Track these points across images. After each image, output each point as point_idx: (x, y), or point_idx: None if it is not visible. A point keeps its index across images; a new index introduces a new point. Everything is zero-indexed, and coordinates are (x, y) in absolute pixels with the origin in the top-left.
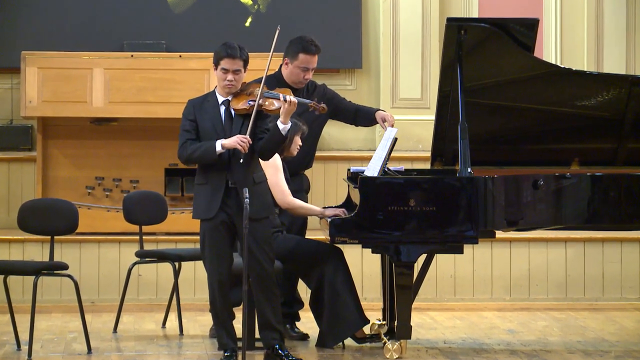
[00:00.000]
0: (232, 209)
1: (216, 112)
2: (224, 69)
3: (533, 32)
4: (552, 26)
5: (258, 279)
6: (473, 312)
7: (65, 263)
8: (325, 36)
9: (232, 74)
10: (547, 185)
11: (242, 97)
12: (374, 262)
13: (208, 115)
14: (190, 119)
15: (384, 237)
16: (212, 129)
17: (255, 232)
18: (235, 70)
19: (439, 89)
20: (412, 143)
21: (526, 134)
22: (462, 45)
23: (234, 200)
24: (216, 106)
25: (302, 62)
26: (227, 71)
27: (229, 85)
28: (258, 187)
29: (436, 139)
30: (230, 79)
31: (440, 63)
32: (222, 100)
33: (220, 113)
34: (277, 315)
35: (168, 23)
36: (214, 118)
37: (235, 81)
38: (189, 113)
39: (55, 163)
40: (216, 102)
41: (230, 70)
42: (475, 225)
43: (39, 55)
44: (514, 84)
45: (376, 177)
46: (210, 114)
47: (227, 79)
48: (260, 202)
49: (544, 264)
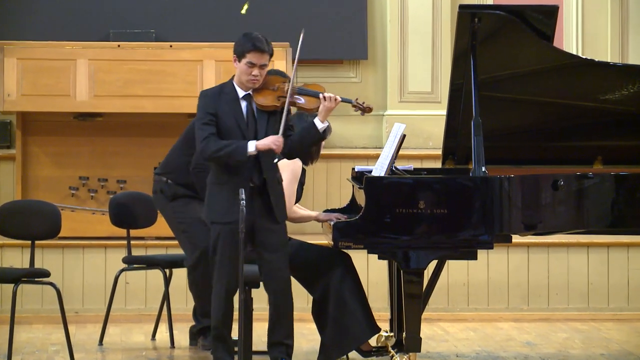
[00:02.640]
0: (256, 211)
1: (237, 107)
2: (251, 62)
3: (552, 19)
4: (572, 13)
5: (278, 289)
6: (488, 322)
7: (47, 270)
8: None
9: (258, 68)
10: (567, 186)
11: (268, 92)
12: (381, 269)
13: (229, 110)
14: (210, 112)
15: (391, 242)
16: (235, 126)
17: (277, 237)
18: (262, 65)
19: (450, 81)
20: (421, 140)
21: (545, 130)
22: (475, 34)
23: (259, 202)
24: (236, 101)
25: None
26: (254, 65)
27: (254, 80)
28: (280, 187)
29: (448, 136)
30: (256, 73)
31: (452, 54)
32: (244, 95)
33: (242, 108)
34: (289, 330)
35: (157, 10)
36: (236, 114)
37: (260, 76)
38: (209, 106)
39: (36, 162)
40: (236, 95)
41: (257, 64)
42: (490, 229)
43: (18, 45)
44: (532, 76)
45: (383, 176)
46: (231, 108)
47: (252, 74)
48: (284, 204)
49: (564, 271)
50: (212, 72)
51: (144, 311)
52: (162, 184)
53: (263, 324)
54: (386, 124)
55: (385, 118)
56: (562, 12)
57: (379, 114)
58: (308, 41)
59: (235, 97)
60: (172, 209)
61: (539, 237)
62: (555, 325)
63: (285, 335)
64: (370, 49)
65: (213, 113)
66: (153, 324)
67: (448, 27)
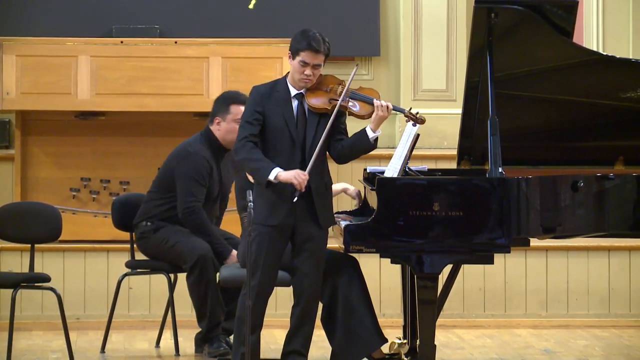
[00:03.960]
0: (299, 215)
1: (288, 106)
2: (304, 62)
3: (572, 15)
4: (593, 8)
5: (305, 297)
6: (505, 329)
7: (47, 275)
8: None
9: (311, 68)
10: (587, 187)
11: (320, 93)
12: (394, 273)
13: (279, 109)
14: (257, 110)
15: (404, 246)
16: (284, 125)
17: (316, 244)
18: (316, 65)
19: (466, 79)
20: (436, 140)
21: (564, 130)
22: (492, 30)
23: (304, 206)
24: (288, 99)
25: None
26: (307, 65)
27: (306, 80)
28: (328, 193)
29: (463, 135)
30: (309, 73)
31: (467, 50)
32: (296, 93)
33: (292, 107)
34: (307, 340)
35: (162, 5)
36: (286, 113)
37: (313, 76)
38: (257, 103)
39: (36, 162)
40: (288, 94)
41: (310, 64)
42: (507, 232)
43: (17, 41)
44: (551, 74)
45: (396, 177)
46: (281, 107)
47: (304, 73)
48: (329, 210)
49: (584, 275)
50: (219, 70)
51: (148, 317)
52: (143, 228)
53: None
54: (399, 123)
55: (398, 117)
56: (581, 6)
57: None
58: None
59: (287, 96)
60: (155, 239)
61: (558, 241)
62: (575, 332)
63: (302, 344)
64: (382, 46)
65: (260, 111)
66: (157, 330)
67: (464, 23)
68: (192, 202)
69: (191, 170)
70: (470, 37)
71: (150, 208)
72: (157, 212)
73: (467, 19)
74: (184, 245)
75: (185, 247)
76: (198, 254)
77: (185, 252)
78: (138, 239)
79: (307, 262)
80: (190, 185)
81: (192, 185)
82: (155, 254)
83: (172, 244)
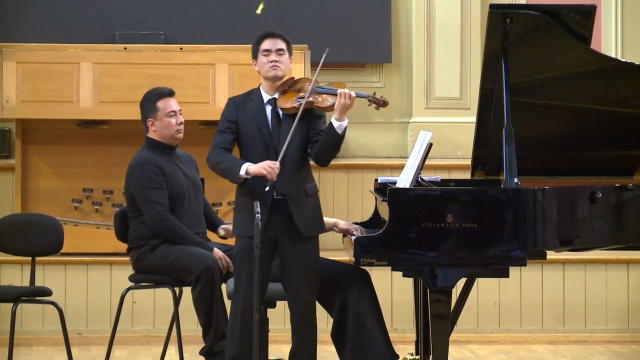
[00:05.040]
0: (278, 225)
1: (261, 112)
2: (266, 50)
3: (589, 20)
4: (611, 13)
5: (300, 312)
6: (521, 345)
7: (48, 288)
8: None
9: (275, 53)
10: (606, 198)
11: (291, 94)
12: (406, 287)
13: (252, 116)
14: (230, 119)
15: (417, 258)
16: (257, 132)
17: (301, 254)
18: (278, 49)
19: (480, 86)
20: (449, 149)
21: (581, 139)
22: (507, 35)
23: (281, 215)
24: (261, 105)
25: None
26: (270, 51)
27: (274, 66)
28: (310, 200)
29: (477, 145)
30: (274, 58)
31: (482, 57)
32: (269, 99)
33: (266, 113)
34: (311, 356)
35: (167, 10)
36: (259, 119)
37: (280, 62)
38: (230, 113)
39: (37, 172)
40: (261, 100)
41: (272, 50)
42: (523, 244)
43: (17, 47)
44: (568, 81)
45: (408, 188)
46: (254, 114)
47: (271, 60)
48: (311, 218)
49: (602, 289)
50: (225, 77)
51: (152, 332)
52: (139, 250)
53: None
54: (411, 132)
55: (411, 126)
56: (600, 12)
57: (404, 121)
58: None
59: (260, 102)
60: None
61: (576, 253)
62: (593, 347)
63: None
64: (394, 52)
65: (233, 120)
66: (162, 346)
67: (478, 28)
68: (156, 209)
69: (140, 179)
70: (485, 43)
71: (137, 232)
72: (146, 232)
73: (482, 24)
74: (188, 257)
75: (190, 258)
76: (204, 265)
77: (190, 263)
78: (136, 261)
79: (293, 274)
80: (147, 194)
81: (148, 193)
82: (157, 272)
83: (174, 258)
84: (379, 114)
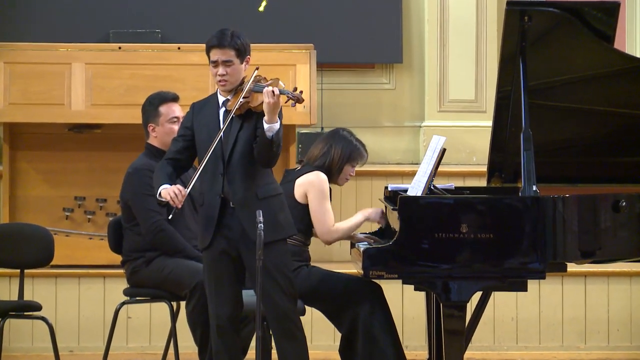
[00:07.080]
0: (233, 234)
1: (214, 116)
2: (213, 61)
3: (613, 18)
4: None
5: (274, 320)
6: None
7: (38, 303)
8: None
9: (222, 66)
10: (630, 207)
11: (239, 94)
12: (418, 301)
13: (205, 121)
14: (186, 126)
15: (429, 271)
16: (207, 137)
17: (265, 261)
18: (225, 61)
19: (496, 88)
20: (464, 155)
21: (604, 144)
22: (525, 34)
23: (235, 223)
24: (215, 109)
25: None
26: (216, 64)
27: (222, 81)
28: (264, 203)
29: (494, 150)
30: (222, 72)
31: (498, 57)
32: (223, 101)
33: (219, 117)
34: None
35: (163, 8)
36: (210, 124)
37: (228, 75)
38: (187, 119)
39: (26, 180)
40: (217, 103)
41: (219, 62)
42: (542, 256)
43: (6, 47)
44: (589, 82)
45: (420, 196)
46: (207, 119)
47: (218, 74)
48: (267, 223)
49: (626, 304)
50: None
51: (148, 349)
52: (134, 263)
53: None
54: (424, 136)
55: (423, 130)
56: (623, 9)
57: (416, 125)
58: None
59: (215, 106)
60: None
61: (598, 266)
62: None
63: None
64: (405, 52)
65: (188, 127)
66: None
67: (494, 27)
68: (154, 218)
69: (137, 187)
70: (502, 42)
71: (133, 244)
72: (142, 243)
73: (498, 22)
74: (183, 270)
75: (184, 271)
76: (199, 279)
77: (185, 277)
78: (131, 274)
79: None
80: (144, 202)
81: (146, 201)
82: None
83: (169, 270)
84: (389, 117)
